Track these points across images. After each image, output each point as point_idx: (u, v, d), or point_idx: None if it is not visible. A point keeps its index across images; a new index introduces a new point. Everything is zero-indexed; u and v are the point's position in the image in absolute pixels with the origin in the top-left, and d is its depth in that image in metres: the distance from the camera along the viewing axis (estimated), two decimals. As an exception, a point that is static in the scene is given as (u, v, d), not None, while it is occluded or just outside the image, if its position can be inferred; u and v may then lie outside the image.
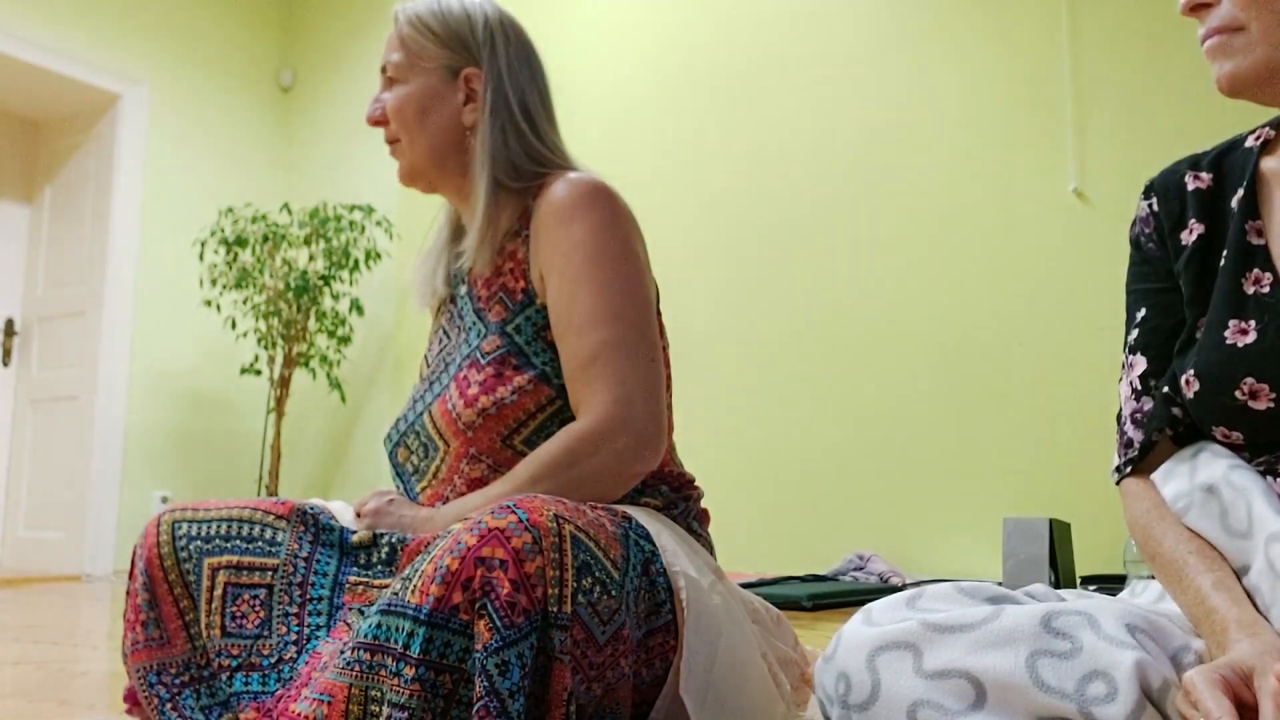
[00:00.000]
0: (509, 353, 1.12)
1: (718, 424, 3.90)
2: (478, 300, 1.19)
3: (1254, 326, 0.83)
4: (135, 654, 1.03)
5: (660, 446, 1.07)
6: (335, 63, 5.31)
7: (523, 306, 1.14)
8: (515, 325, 1.13)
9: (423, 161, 1.21)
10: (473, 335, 1.17)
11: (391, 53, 1.23)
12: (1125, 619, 0.73)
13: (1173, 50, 3.17)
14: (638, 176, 4.22)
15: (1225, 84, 0.83)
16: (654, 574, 0.97)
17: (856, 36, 3.81)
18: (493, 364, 1.11)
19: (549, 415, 1.10)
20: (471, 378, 1.11)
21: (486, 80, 1.20)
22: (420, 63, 1.20)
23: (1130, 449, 0.93)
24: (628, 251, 1.12)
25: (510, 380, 1.10)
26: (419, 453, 1.17)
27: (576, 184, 1.13)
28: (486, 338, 1.14)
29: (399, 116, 1.20)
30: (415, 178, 1.24)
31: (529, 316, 1.14)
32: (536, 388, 1.10)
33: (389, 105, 1.22)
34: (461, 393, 1.11)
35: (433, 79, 1.20)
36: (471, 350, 1.15)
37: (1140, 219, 0.97)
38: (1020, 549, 2.78)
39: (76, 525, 4.57)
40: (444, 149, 1.20)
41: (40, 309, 4.93)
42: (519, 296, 1.15)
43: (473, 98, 1.20)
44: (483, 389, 1.09)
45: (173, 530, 1.05)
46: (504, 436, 1.09)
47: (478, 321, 1.17)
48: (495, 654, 0.77)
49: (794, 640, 1.19)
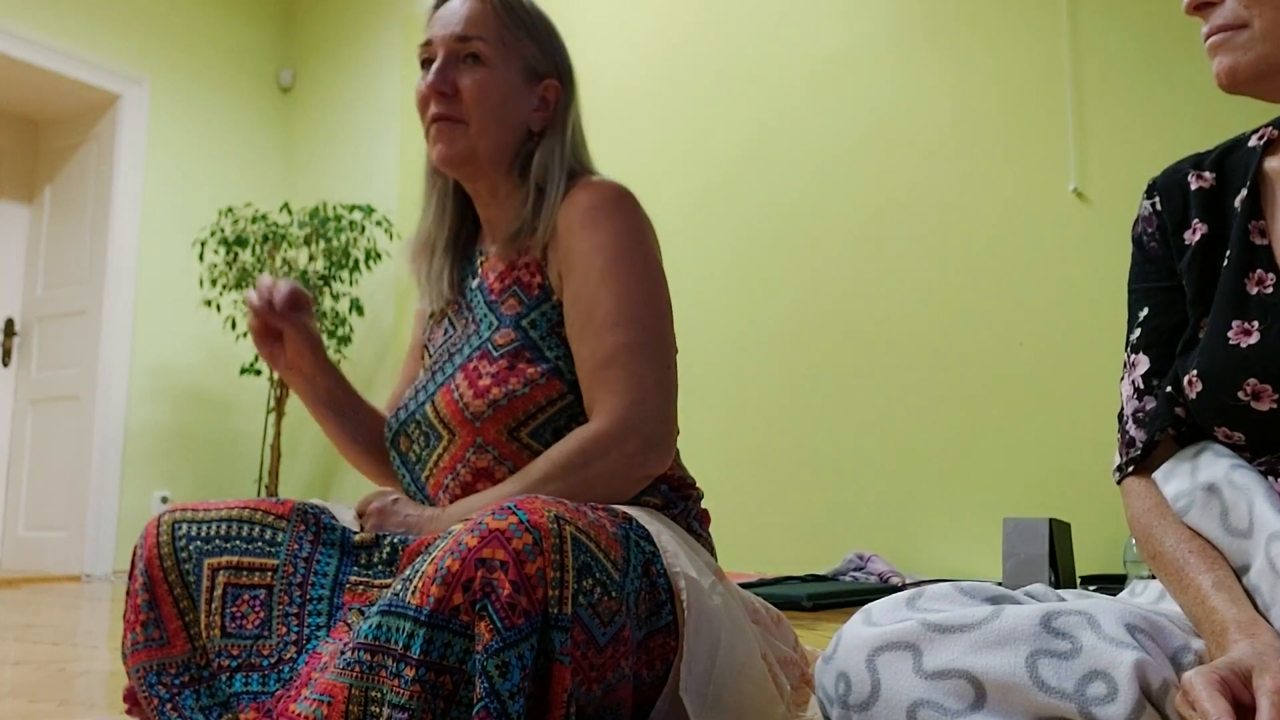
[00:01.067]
0: (523, 346, 1.12)
1: (717, 424, 3.90)
2: (489, 293, 1.18)
3: (1257, 327, 0.83)
4: (135, 654, 1.02)
5: (669, 451, 1.08)
6: (335, 63, 5.31)
7: (539, 302, 1.14)
8: (530, 320, 1.14)
9: (487, 151, 1.17)
10: (484, 327, 1.16)
11: (477, 27, 1.15)
12: (1125, 619, 0.73)
13: (1173, 50, 3.17)
14: (633, 174, 4.21)
15: (1225, 79, 0.83)
16: (655, 575, 0.97)
17: (856, 35, 3.81)
18: (506, 356, 1.11)
19: (559, 410, 1.11)
20: (483, 369, 1.11)
21: (561, 94, 1.21)
22: (511, 52, 1.17)
23: (1132, 448, 0.93)
24: (649, 258, 1.13)
25: (523, 373, 1.10)
26: (420, 441, 1.17)
27: (601, 188, 1.14)
28: (500, 330, 1.14)
29: (482, 100, 1.15)
30: (464, 163, 1.17)
31: (544, 312, 1.14)
32: (549, 381, 1.10)
33: (471, 84, 1.15)
34: (471, 383, 1.11)
35: (516, 74, 1.18)
36: (483, 342, 1.15)
37: (1143, 218, 0.97)
38: (1020, 549, 2.79)
39: (76, 525, 4.57)
40: (510, 146, 1.18)
41: (40, 309, 4.93)
42: (535, 292, 1.15)
43: (544, 106, 1.20)
44: (495, 380, 1.10)
45: (173, 530, 1.05)
46: (511, 429, 1.10)
47: (489, 314, 1.17)
48: (496, 655, 0.77)
49: (794, 640, 1.20)
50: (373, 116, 5.12)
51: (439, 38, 1.17)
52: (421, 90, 1.17)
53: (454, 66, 1.16)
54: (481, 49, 1.15)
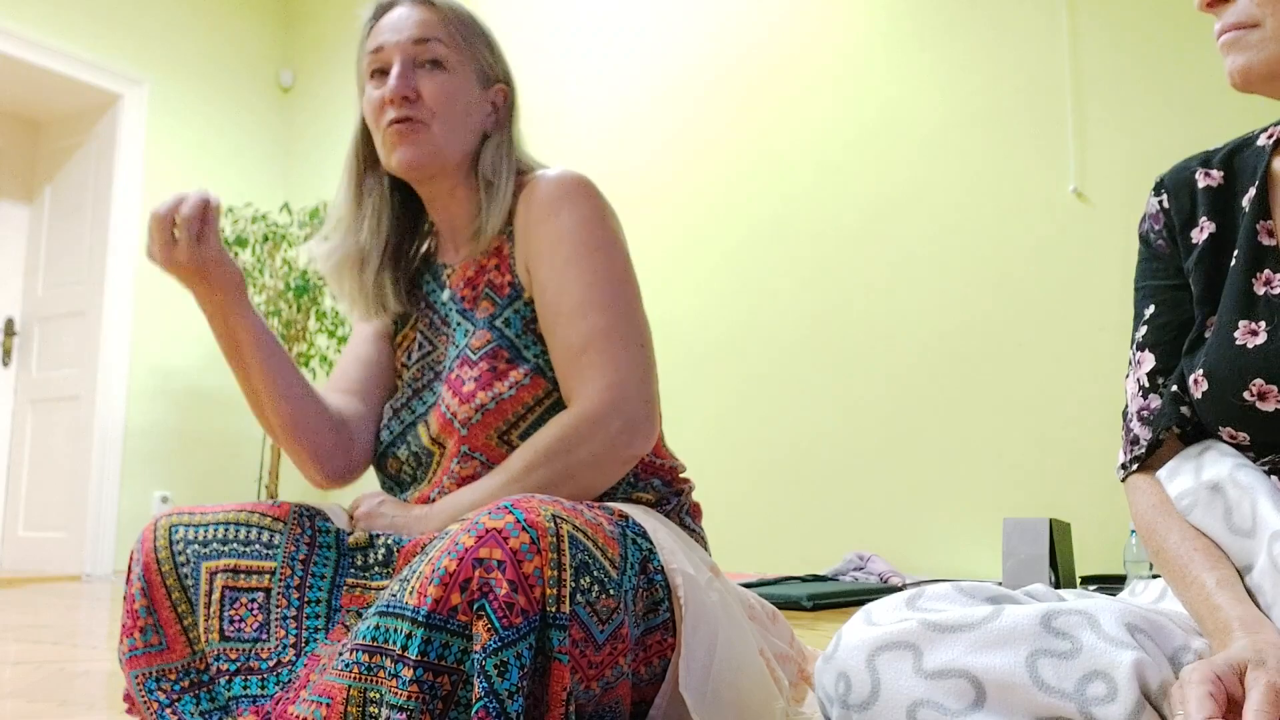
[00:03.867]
0: (499, 346, 1.11)
1: (718, 424, 3.90)
2: (461, 300, 1.18)
3: (1264, 328, 0.83)
4: (133, 660, 1.02)
5: (654, 431, 1.08)
6: (335, 63, 5.31)
7: (510, 300, 1.14)
8: (504, 319, 1.13)
9: (452, 155, 1.16)
10: (459, 335, 1.16)
11: (434, 30, 1.15)
12: (1125, 619, 0.73)
13: (1173, 50, 3.17)
14: (634, 173, 4.22)
15: (1238, 78, 0.83)
16: (652, 572, 0.97)
17: (856, 36, 3.81)
18: (484, 359, 1.11)
19: (546, 409, 1.10)
20: (465, 375, 1.11)
21: (509, 97, 1.22)
22: (467, 58, 1.18)
23: (1137, 446, 0.93)
24: (613, 241, 1.13)
25: (506, 375, 1.09)
26: (410, 463, 1.16)
27: (560, 178, 1.14)
28: (475, 334, 1.14)
29: (447, 105, 1.15)
30: (428, 165, 1.16)
31: (517, 310, 1.13)
32: (533, 381, 1.10)
33: (434, 89, 1.14)
34: (456, 391, 1.10)
35: (471, 78, 1.18)
36: (460, 350, 1.14)
37: (1150, 215, 0.97)
38: (1020, 549, 2.78)
39: (76, 525, 4.57)
40: (470, 149, 1.18)
41: (40, 309, 4.93)
42: (506, 290, 1.15)
43: (494, 110, 1.21)
44: (479, 385, 1.09)
45: (170, 534, 1.04)
46: (501, 432, 1.09)
47: (464, 321, 1.17)
48: (494, 655, 0.77)
49: (790, 636, 1.20)
50: (373, 116, 5.12)
51: (392, 44, 1.14)
52: (380, 96, 1.14)
53: (414, 71, 1.14)
54: (441, 52, 1.15)
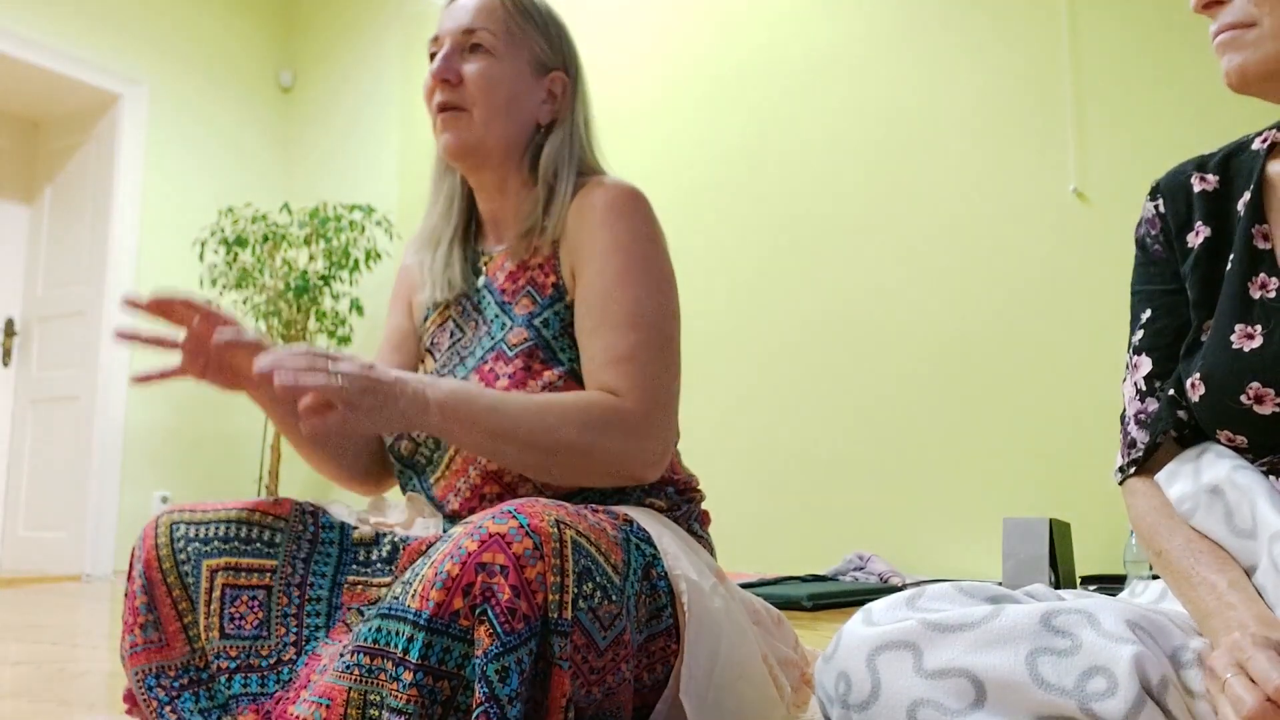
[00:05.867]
0: (536, 346, 1.11)
1: (718, 424, 3.90)
2: (501, 293, 1.18)
3: (1260, 331, 0.83)
4: (134, 657, 1.02)
5: (663, 463, 1.07)
6: (335, 63, 5.31)
7: (552, 301, 1.14)
8: (543, 319, 1.13)
9: (493, 144, 1.16)
10: (495, 327, 1.16)
11: (483, 19, 1.16)
12: (1125, 616, 0.73)
13: (1173, 50, 3.17)
14: (635, 173, 4.20)
15: (1234, 78, 0.83)
16: (655, 578, 0.96)
17: (856, 35, 3.81)
18: (520, 356, 1.11)
19: None
20: (499, 370, 1.11)
21: (568, 87, 1.21)
22: (519, 45, 1.17)
23: (1134, 449, 0.93)
24: (664, 261, 1.13)
25: (540, 375, 1.09)
26: (429, 444, 1.15)
27: (619, 188, 1.14)
28: (512, 330, 1.13)
29: (489, 92, 1.15)
30: (470, 154, 1.17)
31: (557, 311, 1.13)
32: (566, 384, 1.09)
33: (476, 75, 1.14)
34: (489, 384, 1.10)
35: (524, 66, 1.18)
36: (495, 342, 1.14)
37: (1146, 220, 0.97)
38: (1020, 549, 2.78)
39: (76, 525, 4.57)
40: (517, 140, 1.18)
41: (40, 309, 4.93)
42: (548, 291, 1.14)
43: (551, 100, 1.20)
44: (513, 382, 1.09)
45: (170, 532, 1.04)
46: None
47: (501, 314, 1.16)
48: (495, 660, 0.77)
49: (794, 641, 1.19)
50: (372, 116, 5.12)
51: (446, 30, 1.17)
52: (427, 81, 1.17)
53: (459, 56, 1.16)
54: (486, 39, 1.16)
